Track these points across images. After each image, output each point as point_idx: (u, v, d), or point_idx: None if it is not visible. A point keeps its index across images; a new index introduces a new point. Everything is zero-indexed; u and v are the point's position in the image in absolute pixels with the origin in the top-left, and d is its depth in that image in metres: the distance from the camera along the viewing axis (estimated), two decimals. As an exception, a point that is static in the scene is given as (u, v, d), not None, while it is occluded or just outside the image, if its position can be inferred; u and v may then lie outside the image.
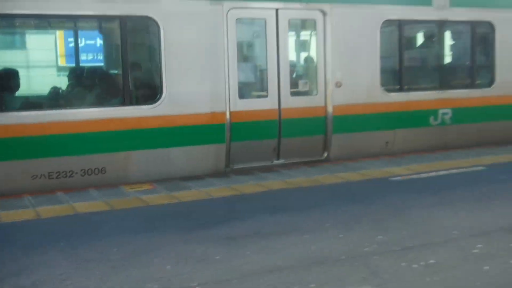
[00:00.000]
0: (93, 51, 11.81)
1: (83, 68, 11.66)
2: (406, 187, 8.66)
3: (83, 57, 11.29)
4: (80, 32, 11.19)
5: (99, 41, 10.37)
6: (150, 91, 9.46)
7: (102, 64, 11.58)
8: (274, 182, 8.93)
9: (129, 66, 9.12)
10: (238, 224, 6.81)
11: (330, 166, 10.11)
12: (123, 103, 9.04)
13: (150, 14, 9.06)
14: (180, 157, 9.48)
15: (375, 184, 8.86)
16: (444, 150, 11.48)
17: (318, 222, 6.82)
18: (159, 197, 8.10)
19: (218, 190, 8.49)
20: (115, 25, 9.22)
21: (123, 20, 8.93)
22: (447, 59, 12.72)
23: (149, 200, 7.93)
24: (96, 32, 11.03)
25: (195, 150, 9.59)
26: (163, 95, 9.19)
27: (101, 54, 10.66)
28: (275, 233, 6.41)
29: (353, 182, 8.97)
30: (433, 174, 9.43)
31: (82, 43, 11.22)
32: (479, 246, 5.86)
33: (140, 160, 9.18)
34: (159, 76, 9.23)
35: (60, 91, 10.01)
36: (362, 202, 7.70)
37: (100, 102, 9.38)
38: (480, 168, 9.83)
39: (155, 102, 9.20)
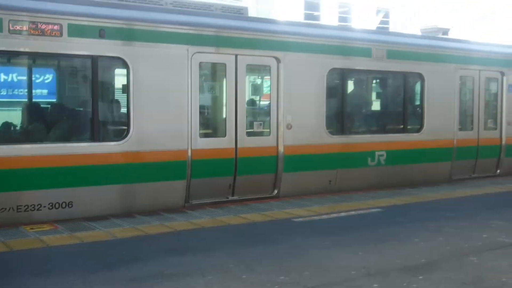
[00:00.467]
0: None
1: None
2: (308, 228, 8.88)
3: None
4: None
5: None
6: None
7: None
8: (179, 223, 8.94)
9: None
10: (141, 265, 6.79)
11: (235, 207, 10.22)
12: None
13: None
14: (144, 193, 9.86)
15: (278, 225, 9.04)
16: (377, 189, 12.28)
17: (221, 263, 6.89)
18: (60, 238, 7.94)
19: (122, 230, 8.42)
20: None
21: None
22: (383, 105, 14.27)
23: (50, 241, 7.75)
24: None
25: (158, 186, 9.96)
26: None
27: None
28: (179, 274, 6.43)
29: (257, 223, 9.12)
30: (334, 215, 9.72)
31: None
32: (375, 285, 6.11)
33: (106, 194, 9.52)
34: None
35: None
36: (265, 243, 7.84)
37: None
38: (377, 210, 10.22)
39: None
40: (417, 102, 13.75)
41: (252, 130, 11.05)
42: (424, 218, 9.55)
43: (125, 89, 9.73)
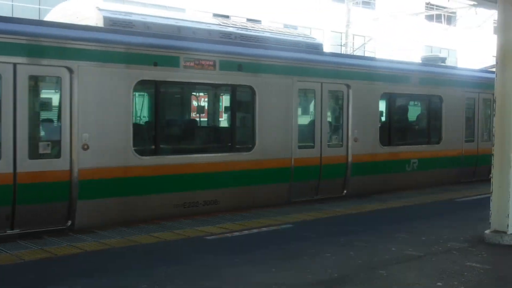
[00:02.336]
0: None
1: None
2: (221, 245, 8.88)
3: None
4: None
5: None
6: None
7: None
8: (88, 244, 8.74)
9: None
10: (51, 288, 6.60)
11: (144, 226, 10.08)
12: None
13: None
14: (261, 192, 12.50)
15: (191, 243, 8.99)
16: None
17: (134, 283, 6.78)
18: (-37, 262, 7.59)
19: (31, 252, 8.13)
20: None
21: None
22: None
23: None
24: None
25: (272, 187, 12.75)
26: None
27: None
28: (90, 297, 6.29)
29: (170, 241, 9.03)
30: (246, 232, 9.77)
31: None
32: (289, 302, 6.18)
33: None
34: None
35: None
36: (178, 262, 7.78)
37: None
38: (288, 226, 10.34)
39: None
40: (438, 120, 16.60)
41: (331, 142, 13.62)
42: (334, 233, 9.74)
43: (252, 110, 12.27)
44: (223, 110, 13.31)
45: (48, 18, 12.25)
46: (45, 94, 10.37)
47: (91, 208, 10.05)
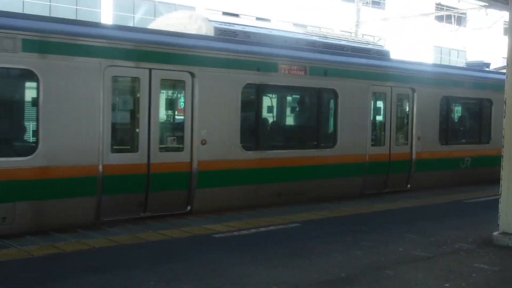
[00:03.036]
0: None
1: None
2: (228, 244, 8.88)
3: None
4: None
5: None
6: None
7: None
8: (95, 240, 8.77)
9: None
10: (59, 285, 6.63)
11: (153, 223, 10.12)
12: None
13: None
14: (338, 184, 13.73)
15: (198, 241, 9.01)
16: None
17: (141, 280, 6.81)
18: (-29, 257, 7.64)
19: (38, 248, 8.16)
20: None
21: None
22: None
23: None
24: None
25: (348, 180, 14.12)
26: None
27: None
28: (98, 293, 6.32)
29: (177, 239, 9.05)
30: (253, 231, 9.77)
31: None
32: (296, 300, 6.18)
33: None
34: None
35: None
36: (185, 260, 7.80)
37: None
38: (295, 225, 10.35)
39: None
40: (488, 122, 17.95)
41: (398, 141, 15.16)
42: (341, 232, 9.74)
43: (334, 111, 13.69)
44: (311, 111, 14.39)
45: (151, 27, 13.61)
46: (173, 95, 12.29)
47: (206, 196, 11.41)
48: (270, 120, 13.82)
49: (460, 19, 44.86)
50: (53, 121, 9.51)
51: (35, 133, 9.49)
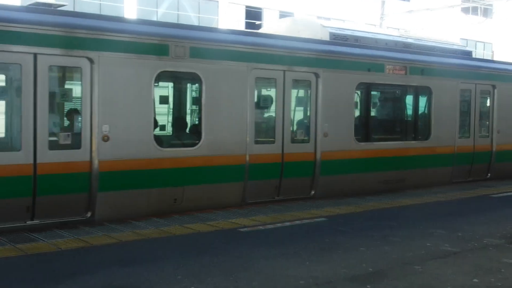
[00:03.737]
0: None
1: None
2: (255, 238, 8.94)
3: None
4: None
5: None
6: None
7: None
8: (123, 234, 8.87)
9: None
10: (88, 277, 6.72)
11: (178, 217, 10.19)
12: None
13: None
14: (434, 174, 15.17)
15: (224, 235, 9.07)
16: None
17: (169, 274, 6.89)
18: (3, 250, 7.76)
19: (66, 241, 8.29)
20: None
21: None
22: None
23: (-9, 253, 7.59)
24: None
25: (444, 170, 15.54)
26: None
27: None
28: (127, 286, 6.40)
29: (204, 233, 9.13)
30: (279, 225, 9.82)
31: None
32: (324, 295, 6.22)
33: None
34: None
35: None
36: (212, 254, 7.86)
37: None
38: (322, 219, 10.37)
39: None
40: None
41: (480, 134, 16.31)
42: (368, 227, 9.75)
43: (429, 107, 15.09)
44: (410, 107, 15.50)
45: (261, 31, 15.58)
46: (301, 93, 13.54)
47: (326, 183, 12.74)
48: (377, 115, 15.28)
49: (486, 11, 44.39)
50: (213, 117, 11.16)
51: (199, 127, 11.19)
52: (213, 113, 11.18)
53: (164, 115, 12.80)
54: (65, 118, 10.22)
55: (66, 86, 10.12)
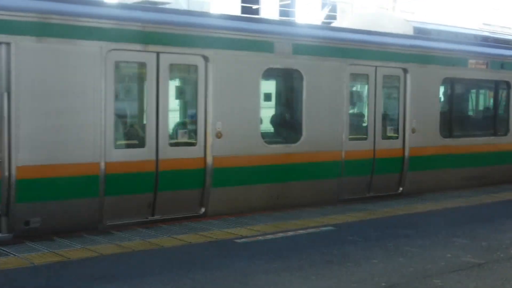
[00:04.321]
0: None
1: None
2: (253, 250, 8.91)
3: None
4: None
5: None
6: None
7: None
8: (104, 246, 8.81)
9: None
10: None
11: (167, 227, 10.14)
12: None
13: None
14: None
15: (218, 247, 9.03)
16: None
17: (157, 291, 6.85)
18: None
19: (41, 256, 8.23)
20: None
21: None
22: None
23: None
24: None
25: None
26: None
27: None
28: (109, 306, 6.36)
29: (195, 244, 9.08)
30: (281, 235, 9.78)
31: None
32: (333, 313, 6.18)
33: None
34: None
35: None
36: (205, 268, 7.82)
37: None
38: (329, 228, 10.34)
39: None
40: None
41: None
42: (381, 237, 9.74)
43: (507, 102, 16.50)
44: (491, 102, 17.03)
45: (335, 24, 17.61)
46: (389, 89, 14.59)
47: (414, 179, 14.14)
48: (460, 110, 16.53)
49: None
50: (312, 114, 12.45)
51: (300, 124, 12.46)
52: (313, 110, 12.48)
53: (268, 111, 13.35)
54: (182, 115, 11.88)
55: (183, 85, 11.71)
